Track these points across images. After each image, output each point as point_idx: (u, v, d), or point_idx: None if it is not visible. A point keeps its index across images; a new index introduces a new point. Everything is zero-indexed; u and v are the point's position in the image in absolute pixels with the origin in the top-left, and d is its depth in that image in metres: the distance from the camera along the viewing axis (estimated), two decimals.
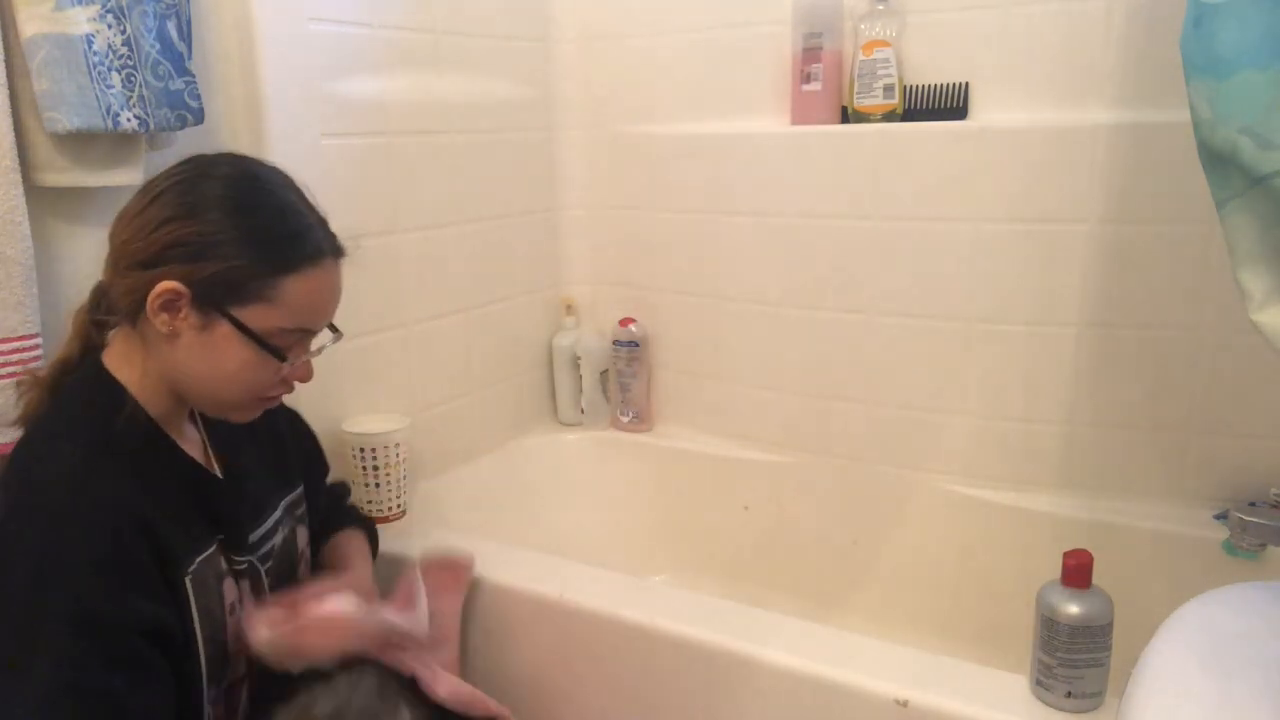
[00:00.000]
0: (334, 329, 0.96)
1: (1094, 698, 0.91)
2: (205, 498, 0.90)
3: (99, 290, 0.89)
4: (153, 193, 0.84)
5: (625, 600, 1.17)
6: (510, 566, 1.27)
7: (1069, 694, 0.90)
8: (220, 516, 0.91)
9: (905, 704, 0.95)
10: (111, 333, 0.89)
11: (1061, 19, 1.34)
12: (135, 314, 0.84)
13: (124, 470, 0.81)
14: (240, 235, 0.82)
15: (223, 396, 0.88)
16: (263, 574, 0.97)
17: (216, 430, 0.97)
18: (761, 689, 1.05)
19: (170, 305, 0.81)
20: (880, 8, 1.46)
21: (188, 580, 0.84)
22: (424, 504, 1.50)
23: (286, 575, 1.02)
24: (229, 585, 0.90)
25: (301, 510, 1.09)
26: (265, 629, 0.89)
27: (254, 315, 0.83)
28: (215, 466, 0.95)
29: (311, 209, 0.90)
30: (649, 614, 1.13)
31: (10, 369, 0.99)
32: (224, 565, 0.90)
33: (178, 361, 0.84)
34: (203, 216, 0.82)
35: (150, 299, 0.80)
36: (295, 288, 0.85)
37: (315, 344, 0.92)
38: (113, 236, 0.86)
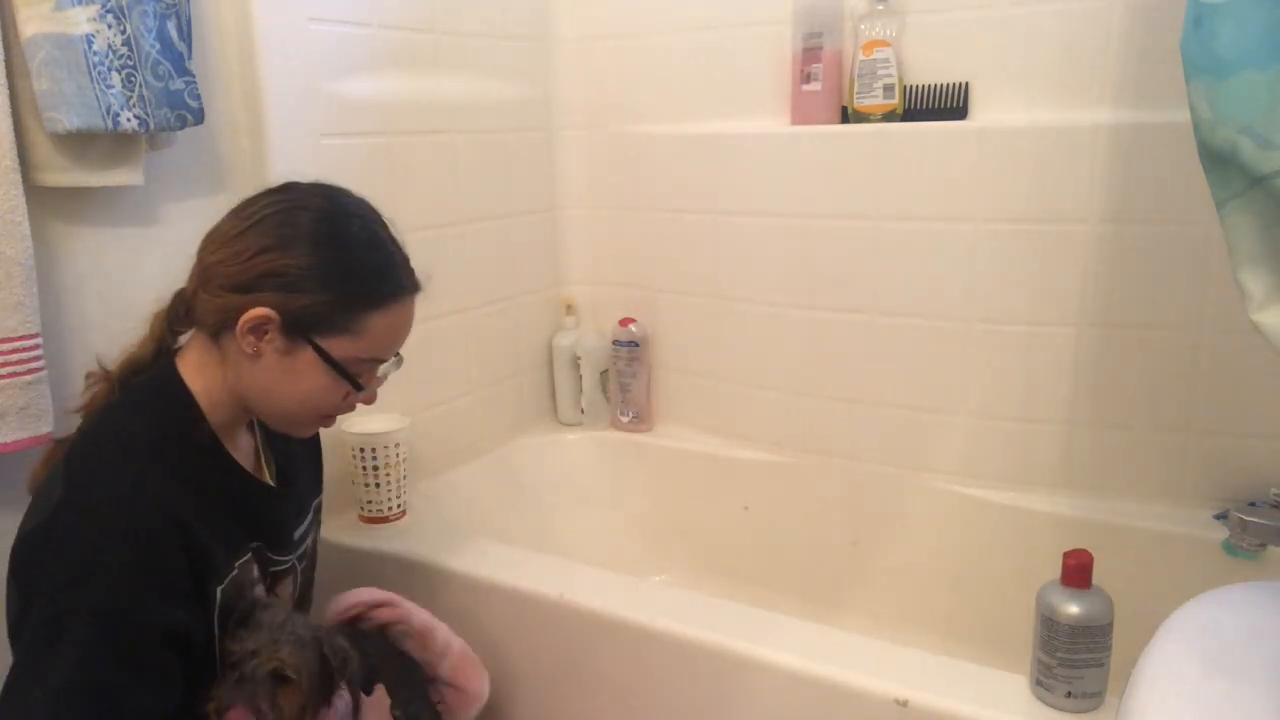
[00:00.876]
0: (398, 355, 0.99)
1: (1094, 698, 0.91)
2: (253, 505, 0.92)
3: (180, 298, 0.92)
4: (250, 219, 0.87)
5: (625, 600, 1.17)
6: (510, 566, 1.27)
7: (1069, 694, 0.91)
8: (265, 520, 0.94)
9: (905, 704, 0.95)
10: (185, 339, 0.92)
11: (1061, 19, 1.34)
12: (220, 330, 0.87)
13: (179, 477, 0.84)
14: (332, 271, 0.86)
15: (292, 414, 0.92)
16: (299, 572, 1.01)
17: (270, 437, 1.01)
18: (761, 689, 1.05)
19: (259, 329, 0.85)
20: (880, 8, 1.46)
21: (219, 591, 0.86)
22: (424, 504, 1.50)
23: (311, 572, 1.07)
24: (259, 592, 0.93)
25: (320, 514, 1.12)
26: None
27: (337, 345, 0.88)
28: (266, 472, 0.98)
29: (397, 245, 0.94)
30: (649, 614, 1.13)
31: (10, 369, 0.99)
32: (256, 572, 0.93)
33: (255, 379, 0.88)
34: (298, 249, 0.85)
35: (241, 321, 0.84)
36: (377, 323, 0.89)
37: (381, 370, 0.96)
38: (204, 252, 0.89)
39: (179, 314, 0.92)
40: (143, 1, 1.06)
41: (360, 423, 1.42)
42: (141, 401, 0.88)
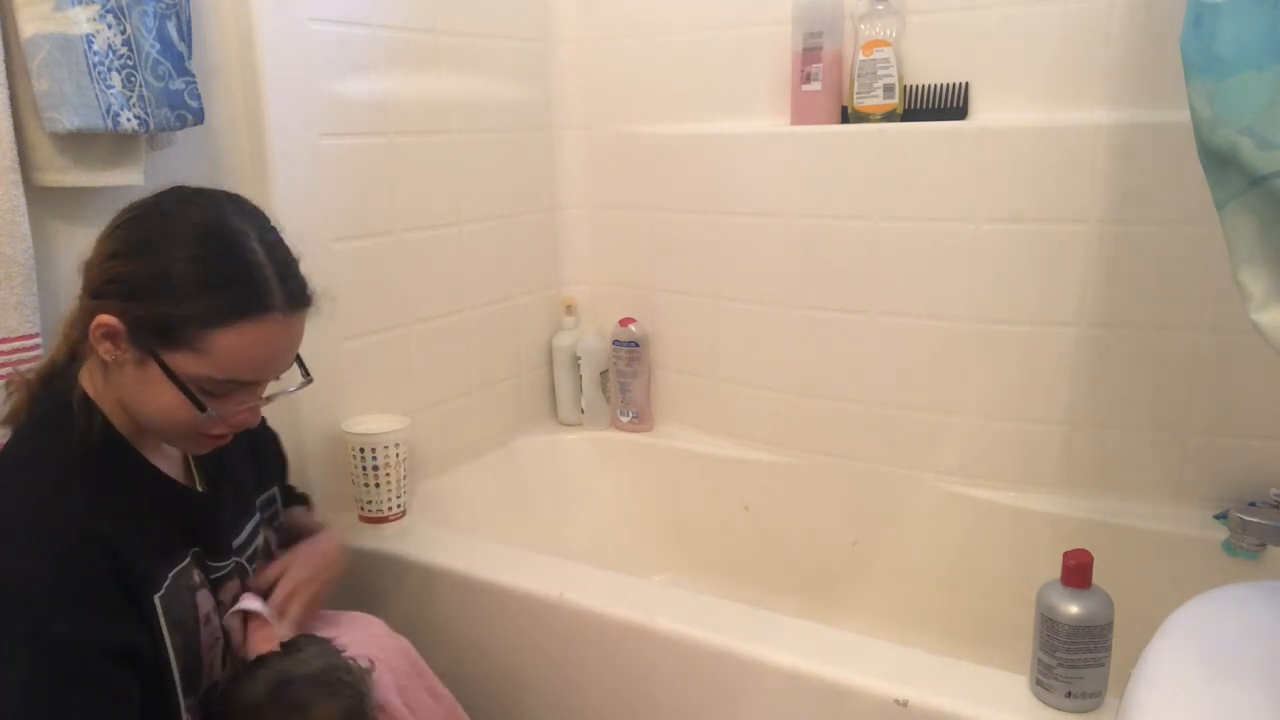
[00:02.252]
0: (304, 372, 0.94)
1: (1094, 698, 0.91)
2: (181, 512, 0.89)
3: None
4: (116, 220, 0.84)
5: (625, 600, 1.17)
6: (510, 566, 1.27)
7: (1069, 694, 0.91)
8: (198, 528, 0.91)
9: (905, 704, 0.95)
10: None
11: (1061, 19, 1.34)
12: (84, 338, 0.84)
13: (92, 491, 0.81)
14: (176, 282, 0.80)
15: (164, 430, 0.87)
16: (250, 572, 0.99)
17: None
18: (761, 689, 1.05)
19: (109, 336, 0.82)
20: (880, 8, 1.46)
21: (158, 600, 0.83)
22: (424, 504, 1.50)
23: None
24: (203, 597, 0.90)
25: (274, 509, 1.10)
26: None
27: (181, 362, 0.81)
28: (197, 478, 0.95)
29: (275, 260, 0.85)
30: (649, 614, 1.13)
31: (10, 369, 0.99)
32: (198, 578, 0.89)
33: (123, 390, 0.84)
34: (146, 257, 0.81)
35: (90, 327, 0.81)
36: (226, 342, 0.81)
37: (274, 388, 0.90)
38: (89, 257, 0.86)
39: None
40: (143, 1, 1.06)
41: (360, 423, 1.42)
42: (45, 418, 0.85)
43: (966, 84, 1.44)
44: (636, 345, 1.81)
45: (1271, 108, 0.73)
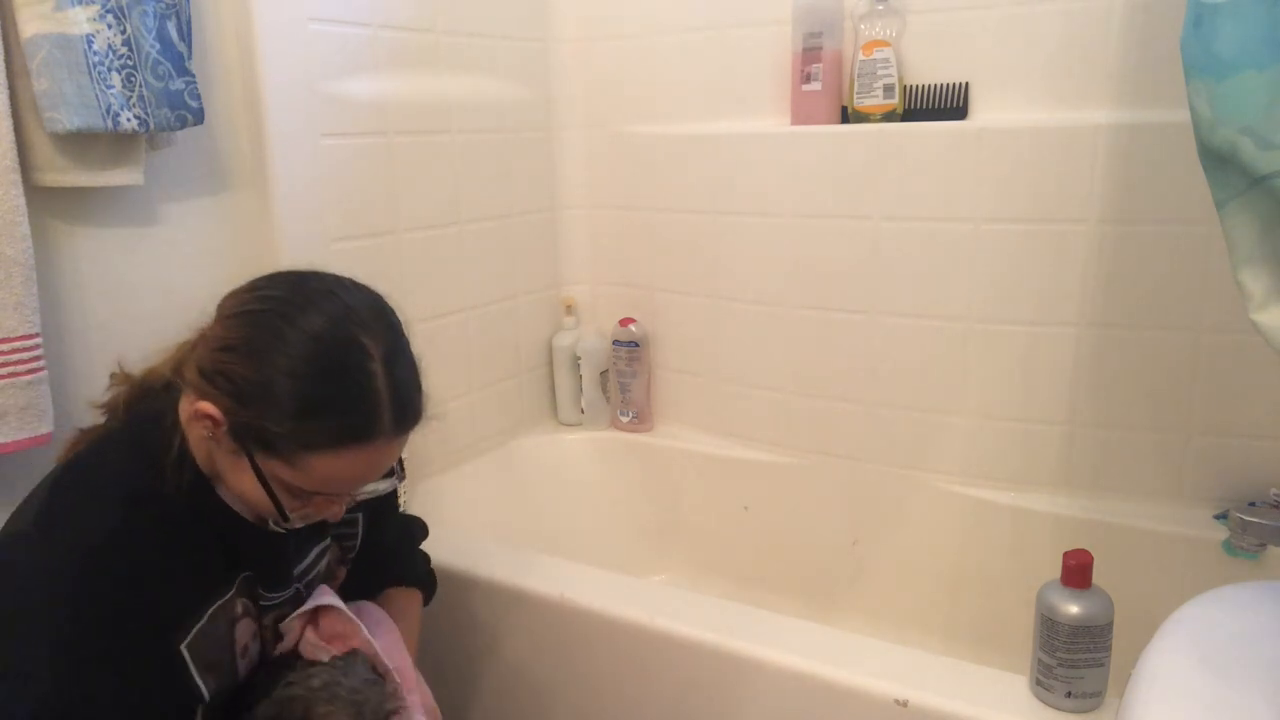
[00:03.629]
0: (401, 471, 0.92)
1: (1094, 698, 0.91)
2: (245, 546, 0.88)
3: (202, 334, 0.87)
4: (244, 305, 0.82)
5: (625, 600, 1.17)
6: (510, 566, 1.27)
7: (1069, 694, 0.91)
8: (259, 559, 0.90)
9: (905, 704, 0.95)
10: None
11: (1061, 19, 1.34)
12: (182, 374, 0.83)
13: (158, 524, 0.80)
14: (282, 402, 0.77)
15: (249, 508, 0.86)
16: (304, 596, 0.97)
17: None
18: (761, 689, 1.05)
19: (209, 423, 0.80)
20: (880, 8, 1.46)
21: (185, 650, 0.81)
22: (424, 504, 1.50)
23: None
24: (244, 627, 0.89)
25: (351, 532, 1.05)
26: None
27: (276, 468, 0.80)
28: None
29: (393, 383, 0.81)
30: (649, 614, 1.13)
31: (10, 369, 0.99)
32: (240, 608, 0.88)
33: (211, 459, 0.84)
34: (256, 364, 0.78)
35: (194, 409, 0.80)
36: (326, 465, 0.79)
37: (370, 488, 0.87)
38: (215, 316, 0.84)
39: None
40: (143, 1, 1.06)
41: None
42: (133, 439, 0.84)
43: (966, 84, 1.44)
44: (636, 345, 1.81)
45: (1271, 108, 0.73)
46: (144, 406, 0.88)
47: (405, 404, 0.83)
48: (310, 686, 0.90)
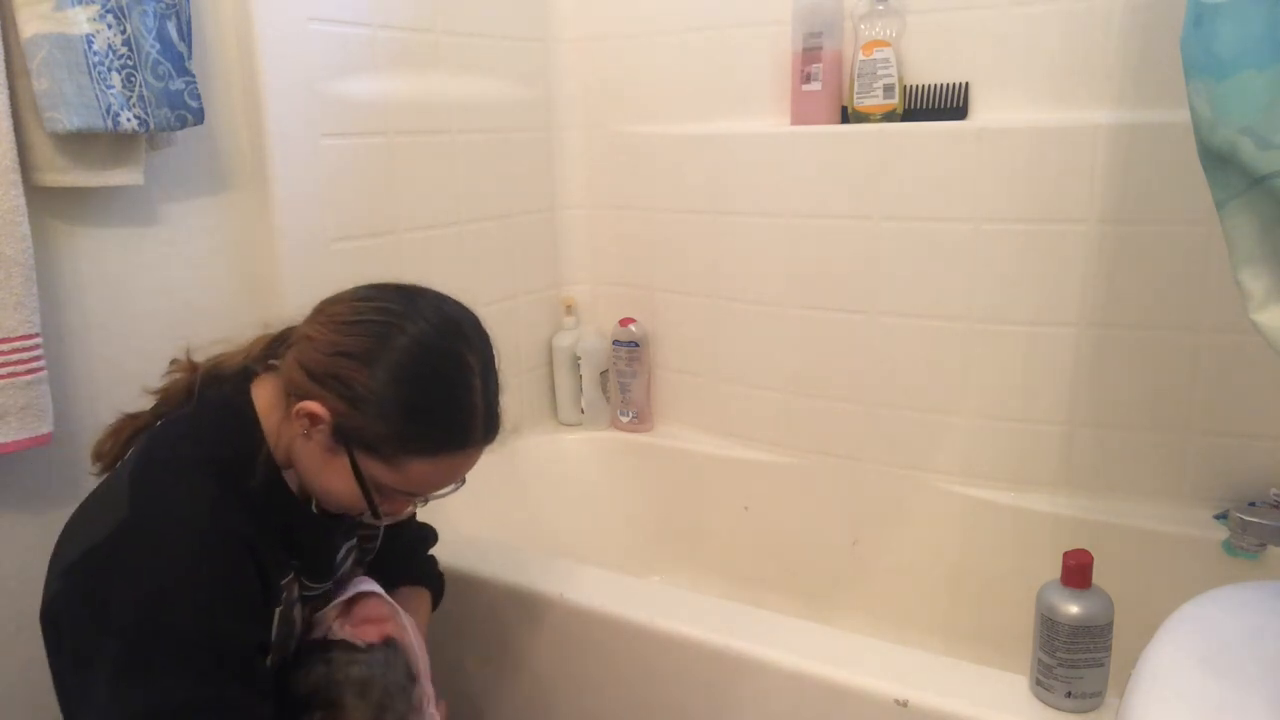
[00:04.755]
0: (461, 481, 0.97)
1: (1094, 698, 0.91)
2: (301, 533, 0.92)
3: (286, 338, 0.91)
4: (357, 314, 0.86)
5: (625, 600, 1.17)
6: (510, 566, 1.27)
7: (1069, 694, 0.91)
8: (310, 547, 0.94)
9: (905, 704, 0.95)
10: (269, 371, 0.91)
11: (1061, 19, 1.34)
12: (290, 395, 0.86)
13: (245, 505, 0.84)
14: (396, 408, 0.83)
15: (317, 493, 0.91)
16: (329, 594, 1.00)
17: None
18: (761, 689, 1.05)
19: (312, 420, 0.85)
20: (880, 8, 1.46)
21: (277, 613, 0.87)
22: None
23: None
24: (296, 611, 0.93)
25: (374, 534, 1.09)
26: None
27: (375, 468, 0.86)
28: (312, 502, 0.97)
29: (488, 398, 0.89)
30: (649, 614, 1.13)
31: (10, 369, 0.99)
32: (295, 593, 0.92)
33: (298, 452, 0.88)
34: (377, 371, 0.83)
35: (298, 406, 0.84)
36: (422, 468, 0.87)
37: (436, 494, 0.93)
38: (312, 320, 0.88)
39: (279, 347, 0.91)
40: (143, 1, 1.06)
41: None
42: (213, 422, 0.88)
43: (966, 84, 1.44)
44: (636, 345, 1.81)
45: (1271, 108, 0.73)
46: (214, 392, 0.90)
47: (495, 416, 0.90)
48: (349, 674, 0.92)
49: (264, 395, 0.89)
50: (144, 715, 0.74)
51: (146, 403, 0.93)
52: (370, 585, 1.01)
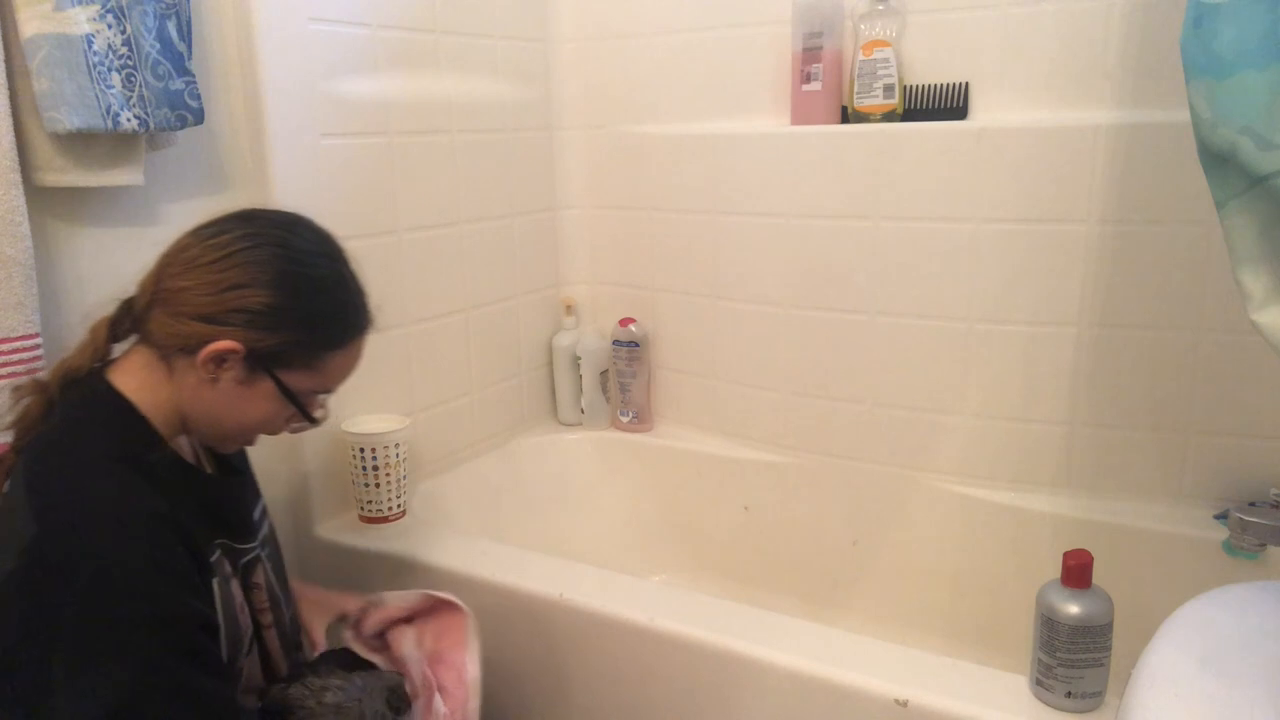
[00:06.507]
0: None
1: (1094, 698, 0.91)
2: (210, 499, 0.92)
3: (129, 310, 0.91)
4: (222, 250, 0.87)
5: (625, 600, 1.17)
6: (510, 566, 1.27)
7: (1069, 694, 0.91)
8: (228, 510, 0.95)
9: (905, 704, 0.95)
10: (123, 349, 0.91)
11: (1061, 19, 1.34)
12: (176, 353, 0.87)
13: (150, 480, 0.84)
14: (303, 314, 0.88)
15: (232, 435, 0.93)
16: (264, 559, 1.00)
17: None
18: (761, 689, 1.05)
19: (220, 359, 0.86)
20: (880, 8, 1.46)
21: (214, 582, 0.88)
22: (424, 504, 1.50)
23: (278, 565, 1.05)
24: (235, 586, 0.93)
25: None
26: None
27: (296, 379, 0.90)
28: (206, 467, 0.98)
29: (357, 282, 0.95)
30: (649, 614, 1.13)
31: (10, 369, 0.99)
32: (229, 567, 0.92)
33: (204, 402, 0.88)
34: (271, 289, 0.86)
35: (206, 351, 0.85)
36: (338, 360, 0.93)
37: (320, 398, 0.97)
38: (166, 273, 0.88)
39: (124, 325, 0.91)
40: (143, 1, 1.06)
41: (360, 423, 1.42)
42: (87, 418, 0.86)
43: (966, 84, 1.44)
44: (636, 345, 1.81)
45: (1271, 108, 0.73)
46: (75, 395, 0.88)
47: (367, 298, 0.97)
48: (322, 701, 0.92)
49: (126, 377, 0.88)
50: (109, 715, 0.73)
51: None
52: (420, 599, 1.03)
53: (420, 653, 1.08)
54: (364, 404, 1.46)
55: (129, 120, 1.05)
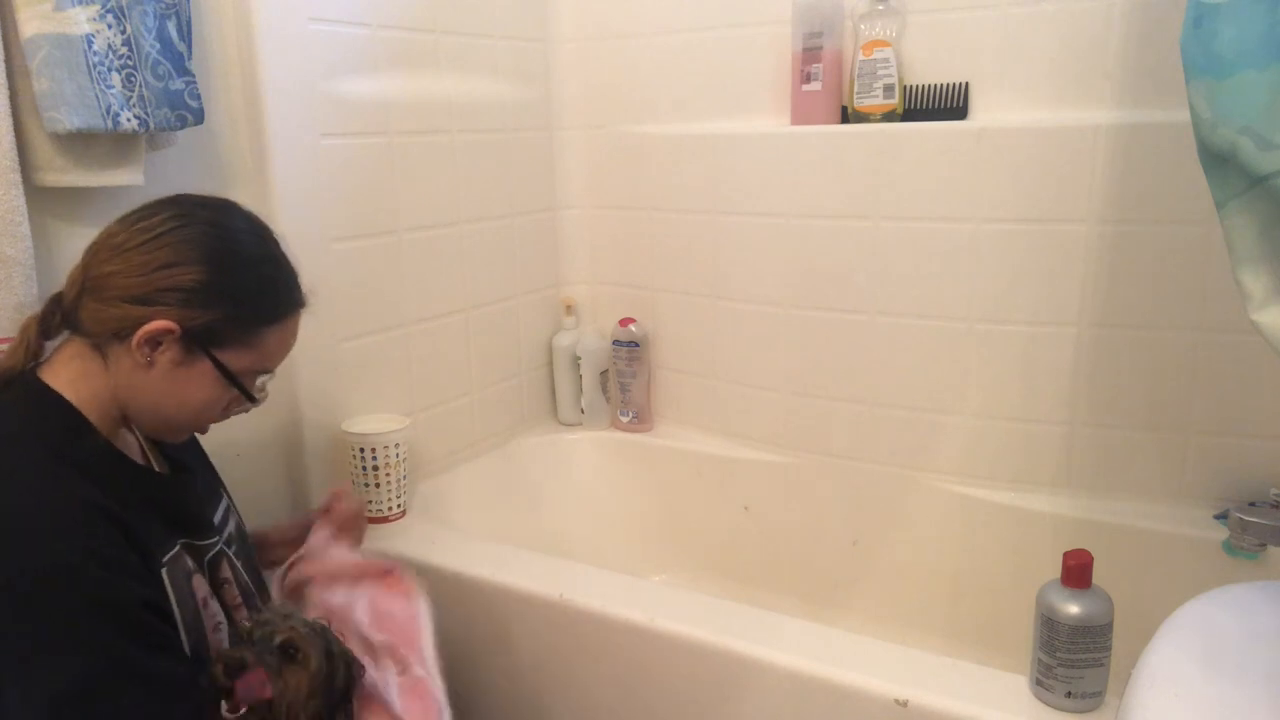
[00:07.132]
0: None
1: (1094, 698, 0.91)
2: (161, 498, 0.91)
3: (57, 305, 0.89)
4: (149, 232, 0.87)
5: (625, 600, 1.17)
6: (510, 566, 1.27)
7: (1069, 694, 0.91)
8: (178, 511, 0.93)
9: (905, 704, 0.95)
10: (53, 346, 0.90)
11: (1061, 19, 1.34)
12: (109, 340, 0.86)
13: (84, 474, 0.82)
14: (233, 288, 0.88)
15: (175, 422, 0.93)
16: (232, 557, 0.99)
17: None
18: (761, 689, 1.05)
19: (154, 341, 0.85)
20: (880, 8, 1.46)
21: (164, 571, 0.86)
22: (424, 504, 1.50)
23: (248, 559, 1.04)
24: (199, 581, 0.91)
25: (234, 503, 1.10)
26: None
27: (233, 358, 0.90)
28: (155, 465, 0.97)
29: (287, 261, 0.96)
30: (649, 614, 1.13)
31: None
32: (190, 563, 0.91)
33: (142, 388, 0.87)
34: (200, 266, 0.86)
35: (140, 333, 0.84)
36: (275, 335, 0.93)
37: (260, 380, 0.96)
38: (94, 262, 0.87)
39: (55, 321, 0.89)
40: (143, 1, 1.06)
41: (360, 423, 1.42)
42: (17, 414, 0.85)
43: (966, 84, 1.44)
44: (636, 345, 1.81)
45: (1271, 108, 0.73)
46: (6, 398, 0.87)
47: (298, 277, 0.97)
48: (281, 612, 0.92)
49: (59, 373, 0.87)
50: (59, 702, 0.73)
51: None
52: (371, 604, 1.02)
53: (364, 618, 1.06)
54: (364, 404, 1.46)
55: (129, 120, 1.05)
